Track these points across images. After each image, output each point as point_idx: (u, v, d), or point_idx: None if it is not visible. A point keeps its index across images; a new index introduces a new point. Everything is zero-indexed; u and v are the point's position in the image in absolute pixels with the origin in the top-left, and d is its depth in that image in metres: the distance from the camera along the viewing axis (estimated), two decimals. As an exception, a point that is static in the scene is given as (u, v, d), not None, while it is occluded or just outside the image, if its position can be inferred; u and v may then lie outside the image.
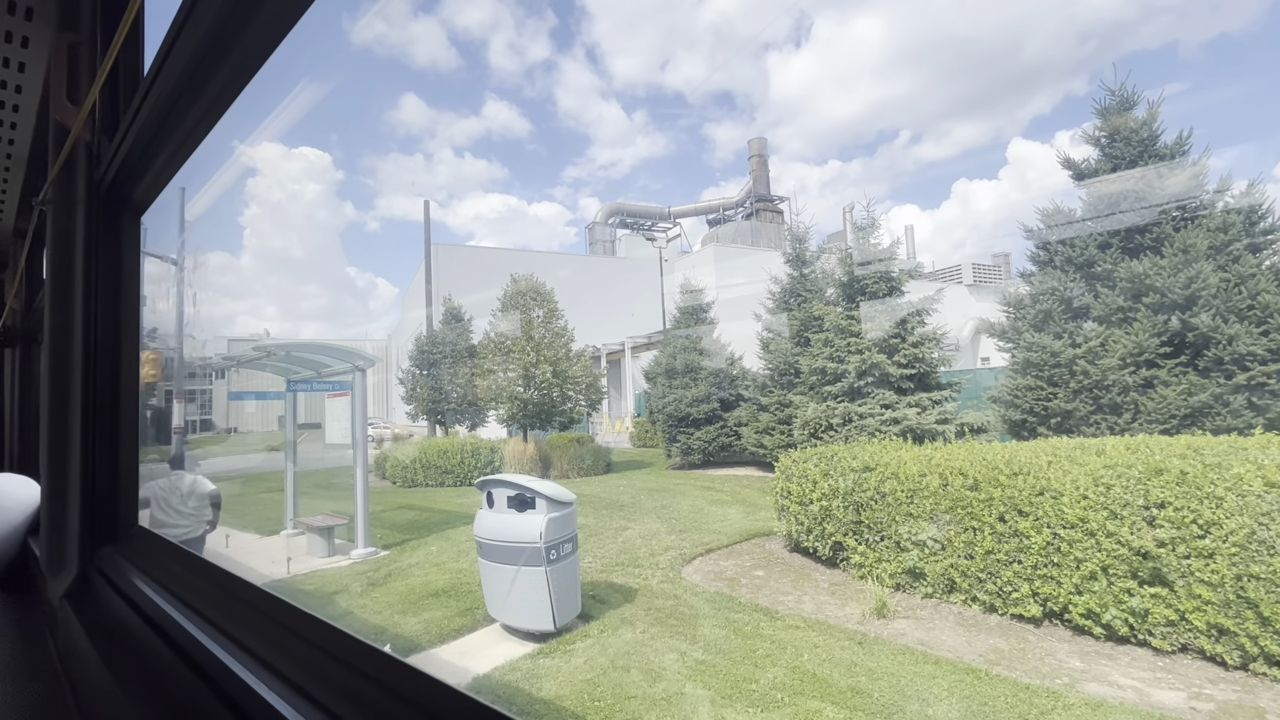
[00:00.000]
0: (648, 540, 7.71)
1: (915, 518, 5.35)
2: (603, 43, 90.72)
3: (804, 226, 15.02)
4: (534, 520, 4.62)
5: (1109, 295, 8.11)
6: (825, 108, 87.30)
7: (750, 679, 3.78)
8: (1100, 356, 7.95)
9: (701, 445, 15.25)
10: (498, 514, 4.88)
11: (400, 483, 14.96)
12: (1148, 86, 9.52)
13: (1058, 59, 62.86)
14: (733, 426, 15.21)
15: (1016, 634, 4.41)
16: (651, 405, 18.98)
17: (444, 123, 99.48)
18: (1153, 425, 7.51)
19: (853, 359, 10.38)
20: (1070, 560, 4.33)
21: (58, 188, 1.71)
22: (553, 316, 15.44)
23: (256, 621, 0.95)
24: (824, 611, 5.04)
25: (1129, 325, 7.87)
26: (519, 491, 4.79)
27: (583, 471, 14.99)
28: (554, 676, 3.97)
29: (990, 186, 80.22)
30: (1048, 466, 4.77)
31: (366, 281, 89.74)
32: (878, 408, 9.93)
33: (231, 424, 48.57)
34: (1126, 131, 8.71)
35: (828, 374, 10.79)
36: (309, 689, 0.76)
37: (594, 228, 55.55)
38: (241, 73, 1.02)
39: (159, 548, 1.45)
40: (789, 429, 12.99)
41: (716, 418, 15.42)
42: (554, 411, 15.20)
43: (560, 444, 15.23)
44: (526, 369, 14.44)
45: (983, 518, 4.86)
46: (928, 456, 5.80)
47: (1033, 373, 8.54)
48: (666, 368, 16.46)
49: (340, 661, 0.77)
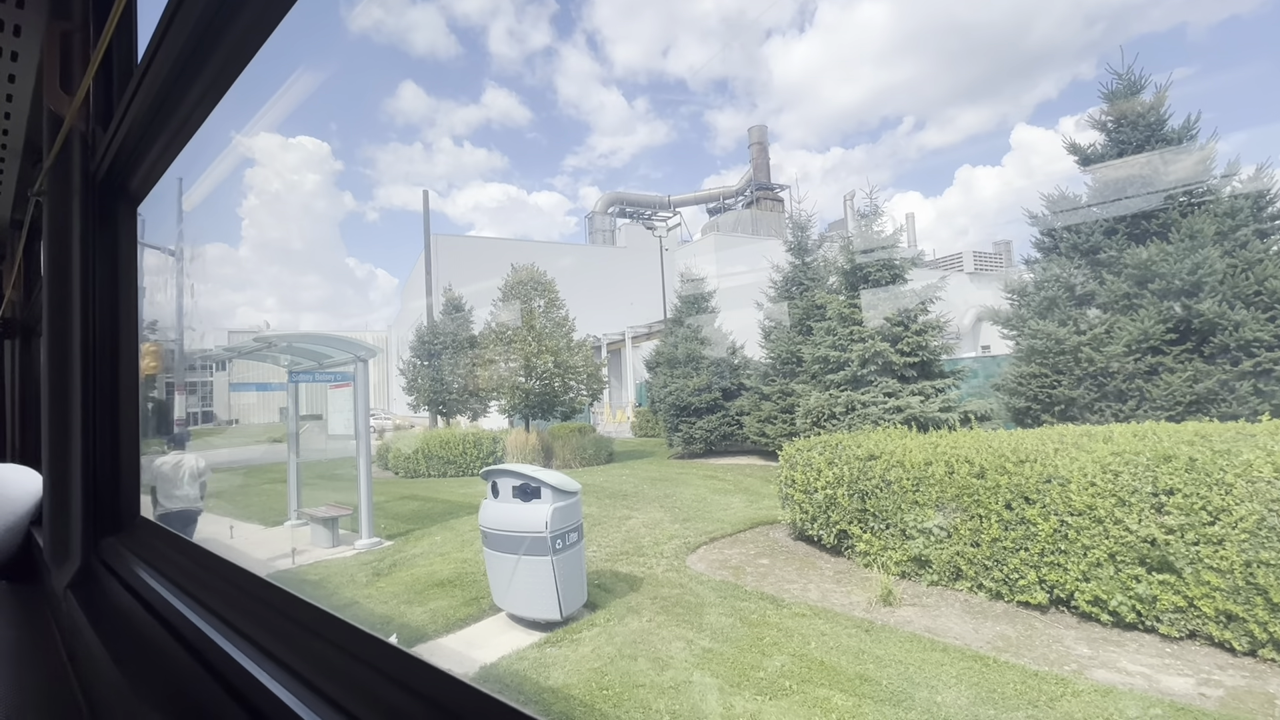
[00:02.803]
0: (651, 529, 7.71)
1: (921, 505, 5.34)
2: (604, 29, 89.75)
3: (806, 214, 14.93)
4: (539, 510, 4.61)
5: (1114, 282, 8.06)
6: (829, 94, 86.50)
7: (757, 666, 3.78)
8: (1105, 343, 7.92)
9: (703, 434, 15.25)
10: (503, 504, 4.86)
11: (403, 473, 14.99)
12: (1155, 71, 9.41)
13: (1065, 43, 62.05)
14: (734, 416, 15.20)
15: (1023, 621, 4.41)
16: (653, 395, 18.98)
17: (443, 111, 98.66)
18: (1158, 412, 7.49)
19: (856, 347, 10.34)
20: (1078, 547, 4.32)
21: (53, 178, 1.70)
22: (554, 306, 15.40)
23: (258, 611, 0.96)
24: (829, 599, 5.04)
25: (1134, 312, 7.82)
26: (524, 481, 4.77)
27: (585, 461, 15.00)
28: (561, 665, 3.97)
29: (994, 173, 79.60)
30: (1054, 454, 4.75)
31: (366, 272, 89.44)
32: (881, 396, 9.91)
33: (233, 415, 48.64)
34: (1133, 116, 8.62)
35: (830, 362, 10.76)
36: (311, 678, 0.77)
37: (594, 217, 55.29)
38: (235, 61, 1.01)
39: (161, 538, 1.45)
40: (791, 418, 12.98)
41: (718, 407, 15.40)
42: (556, 402, 15.20)
43: (562, 434, 15.23)
44: (528, 359, 14.41)
45: (989, 505, 4.85)
46: (933, 444, 5.78)
47: (1037, 360, 8.50)
48: (669, 357, 16.42)
49: (342, 650, 0.77)
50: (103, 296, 1.59)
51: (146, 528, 1.58)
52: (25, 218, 3.25)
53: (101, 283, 1.58)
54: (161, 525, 1.56)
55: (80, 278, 1.55)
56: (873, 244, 10.91)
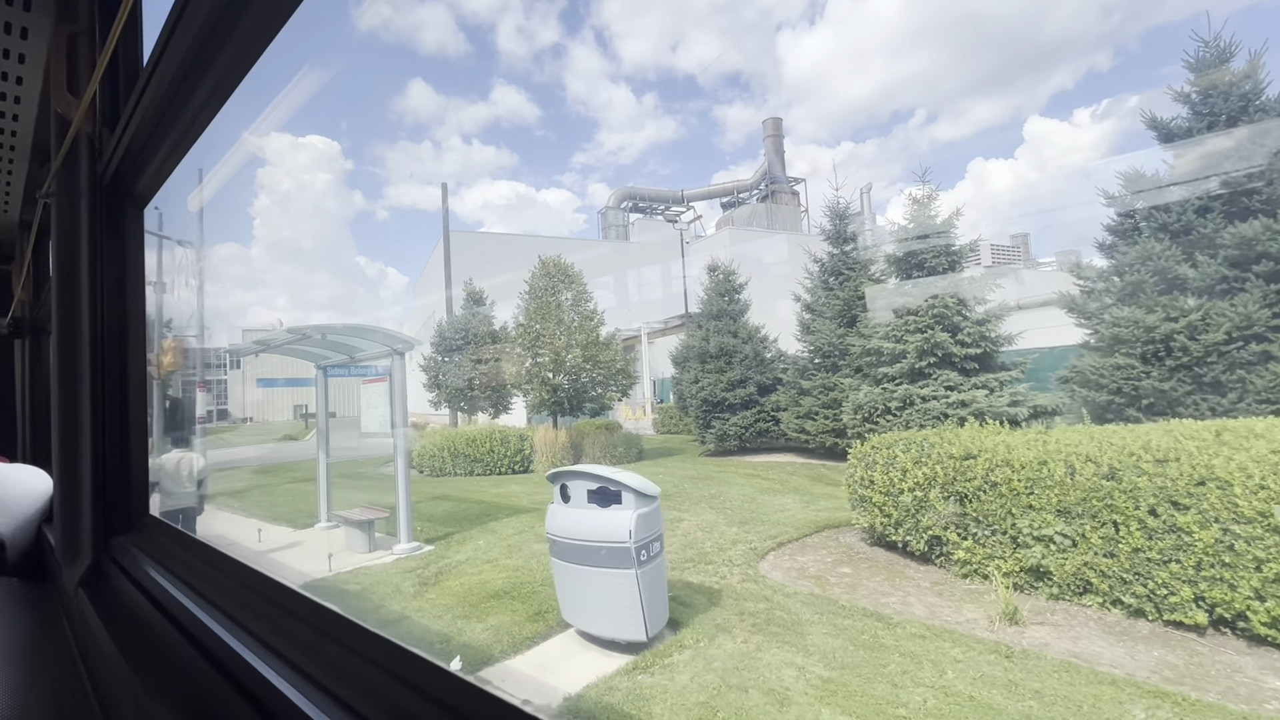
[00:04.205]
0: (709, 533, 7.18)
1: (1038, 510, 4.77)
2: (612, 24, 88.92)
3: (844, 201, 14.29)
4: (622, 516, 4.08)
5: (1210, 264, 7.42)
6: (839, 87, 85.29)
7: (896, 701, 3.24)
8: (1202, 331, 7.29)
9: (738, 431, 14.69)
10: (576, 509, 4.34)
11: (428, 471, 14.54)
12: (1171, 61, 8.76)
13: (1080, 33, 60.68)
14: (770, 411, 14.63)
15: (1181, 645, 3.84)
16: (682, 390, 18.45)
17: (452, 109, 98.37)
18: (1263, 406, 6.86)
19: (912, 338, 9.75)
20: (1248, 560, 3.74)
21: (61, 180, 1.71)
22: (583, 299, 14.86)
23: (267, 610, 0.95)
24: (940, 616, 4.49)
25: (1236, 296, 7.19)
26: (602, 484, 4.25)
27: (615, 459, 14.48)
28: (661, 698, 3.44)
29: (1007, 166, 78.00)
30: (1198, 452, 4.17)
31: (376, 271, 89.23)
32: (942, 390, 9.32)
33: (247, 414, 48.56)
34: (1224, 85, 7.95)
35: (884, 355, 10.17)
36: (320, 677, 0.76)
37: (607, 212, 54.70)
38: (241, 62, 1.01)
39: (171, 537, 1.44)
40: (834, 413, 12.40)
41: (753, 402, 14.84)
42: (584, 397, 14.68)
43: (589, 431, 14.71)
44: (557, 354, 13.89)
45: (1127, 510, 4.28)
46: (1038, 441, 5.20)
47: (1122, 350, 7.88)
48: (699, 351, 15.86)
49: (351, 650, 0.76)
50: (110, 298, 1.59)
51: (157, 526, 1.57)
52: (34, 219, 3.27)
53: (109, 283, 1.59)
54: (169, 524, 1.54)
55: (89, 278, 1.55)
56: (927, 229, 10.30)
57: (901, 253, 10.61)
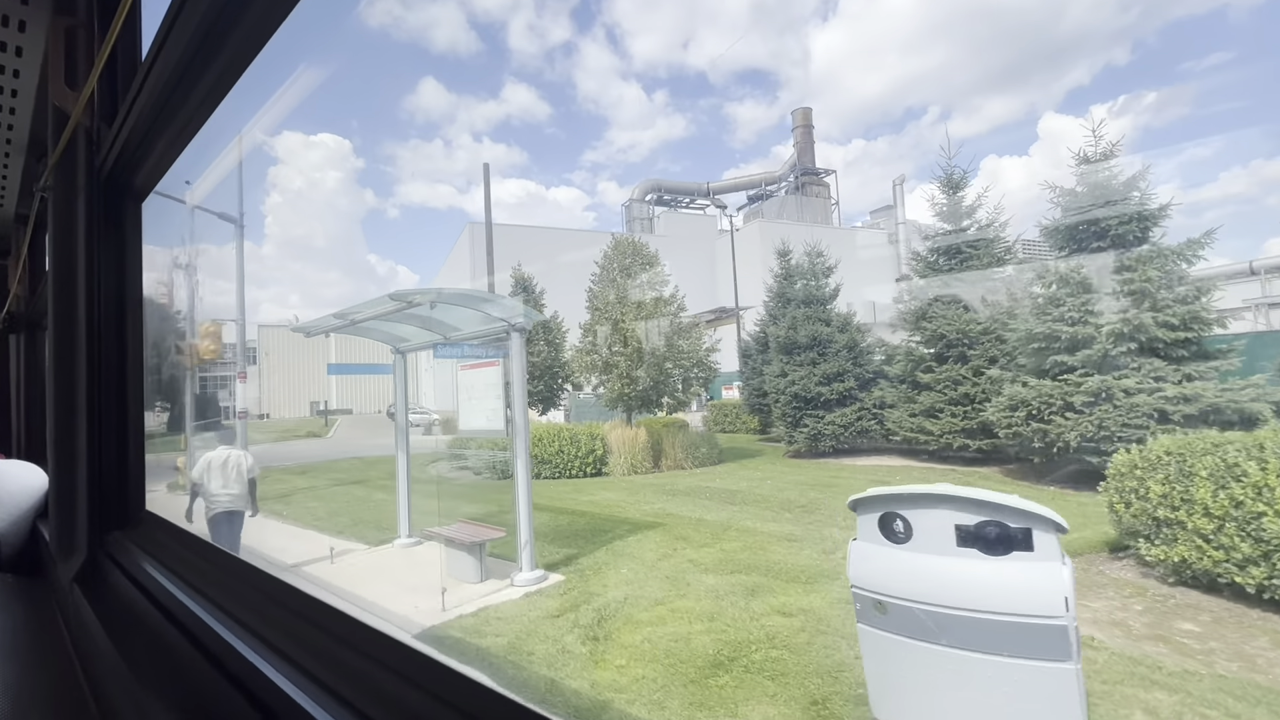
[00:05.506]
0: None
1: None
2: (624, 21, 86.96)
3: (960, 171, 12.62)
4: (1041, 574, 2.48)
5: None
6: (852, 83, 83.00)
7: None
8: None
9: (834, 430, 13.06)
10: (923, 555, 2.75)
11: (488, 474, 12.99)
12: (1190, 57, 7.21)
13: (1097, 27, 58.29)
14: (872, 409, 13.00)
15: None
16: (755, 386, 16.82)
17: (463, 107, 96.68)
18: None
19: (1101, 320, 8.10)
20: None
21: (58, 174, 1.72)
22: (659, 282, 13.27)
23: (262, 605, 0.94)
24: None
25: None
26: (982, 517, 2.64)
27: (698, 462, 12.89)
28: None
29: (1021, 163, 75.36)
30: None
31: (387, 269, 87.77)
32: (1149, 381, 7.67)
33: (263, 410, 47.21)
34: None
35: (1061, 340, 8.51)
36: (317, 672, 0.74)
37: (631, 205, 53.11)
38: (241, 56, 0.99)
39: (167, 533, 1.42)
40: (967, 410, 10.77)
41: (852, 398, 13.21)
42: (663, 390, 13.09)
43: (661, 429, 13.11)
44: (637, 342, 12.31)
45: None
46: None
47: None
48: (785, 342, 14.24)
49: (349, 645, 0.74)
50: (107, 293, 1.56)
51: (152, 522, 1.55)
52: (31, 212, 3.28)
53: (107, 278, 1.56)
54: (165, 520, 1.51)
55: (85, 273, 1.54)
56: (1109, 194, 8.65)
57: (1069, 222, 8.96)
